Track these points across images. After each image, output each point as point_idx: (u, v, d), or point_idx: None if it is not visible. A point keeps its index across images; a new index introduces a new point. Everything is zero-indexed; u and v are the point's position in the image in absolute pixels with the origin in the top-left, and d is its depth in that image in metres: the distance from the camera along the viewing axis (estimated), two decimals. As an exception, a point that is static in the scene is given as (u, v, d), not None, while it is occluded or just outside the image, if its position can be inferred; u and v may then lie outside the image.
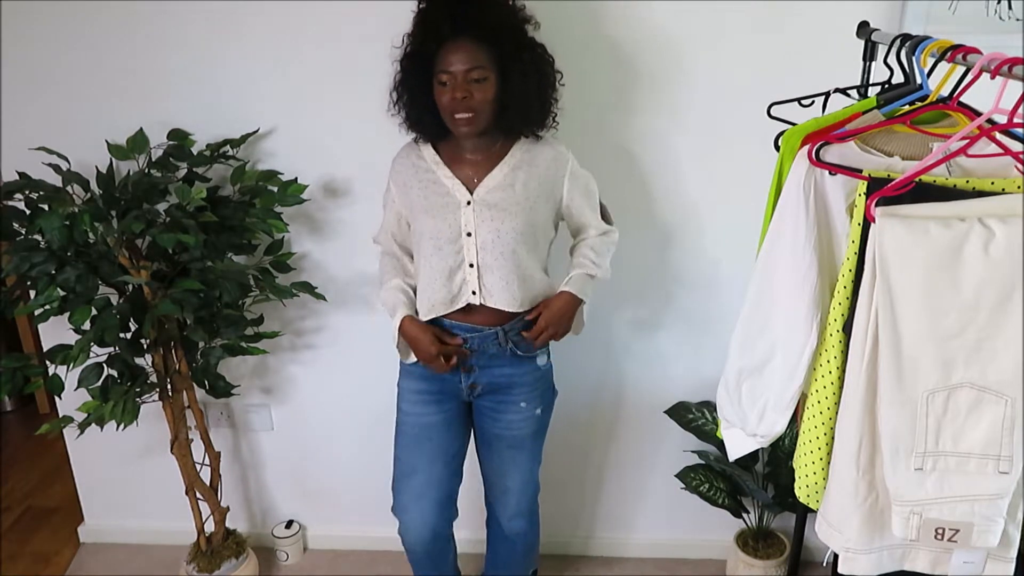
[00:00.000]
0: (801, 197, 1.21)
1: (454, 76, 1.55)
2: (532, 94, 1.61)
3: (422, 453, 1.81)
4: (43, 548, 2.57)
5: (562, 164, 1.69)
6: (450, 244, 1.66)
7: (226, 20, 1.94)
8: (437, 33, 1.56)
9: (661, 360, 2.21)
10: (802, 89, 1.60)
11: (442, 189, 1.67)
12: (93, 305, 1.85)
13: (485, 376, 1.76)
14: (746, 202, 1.93)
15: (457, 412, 1.82)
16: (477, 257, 1.66)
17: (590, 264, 1.74)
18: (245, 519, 2.51)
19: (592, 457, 2.35)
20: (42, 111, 2.05)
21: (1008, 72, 1.02)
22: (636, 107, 1.96)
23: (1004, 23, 1.78)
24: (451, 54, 1.55)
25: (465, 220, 1.65)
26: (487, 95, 1.57)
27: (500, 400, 1.78)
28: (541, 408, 1.82)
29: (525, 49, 1.60)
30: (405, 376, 1.83)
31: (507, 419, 1.79)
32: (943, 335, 1.05)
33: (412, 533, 1.84)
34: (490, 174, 1.66)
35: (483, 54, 1.55)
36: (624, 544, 2.45)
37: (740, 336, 1.37)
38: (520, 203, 1.65)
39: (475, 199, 1.65)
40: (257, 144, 2.06)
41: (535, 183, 1.67)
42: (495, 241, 1.64)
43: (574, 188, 1.71)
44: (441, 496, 1.83)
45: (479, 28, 1.55)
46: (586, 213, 1.75)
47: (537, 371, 1.79)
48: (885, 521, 1.17)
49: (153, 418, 2.21)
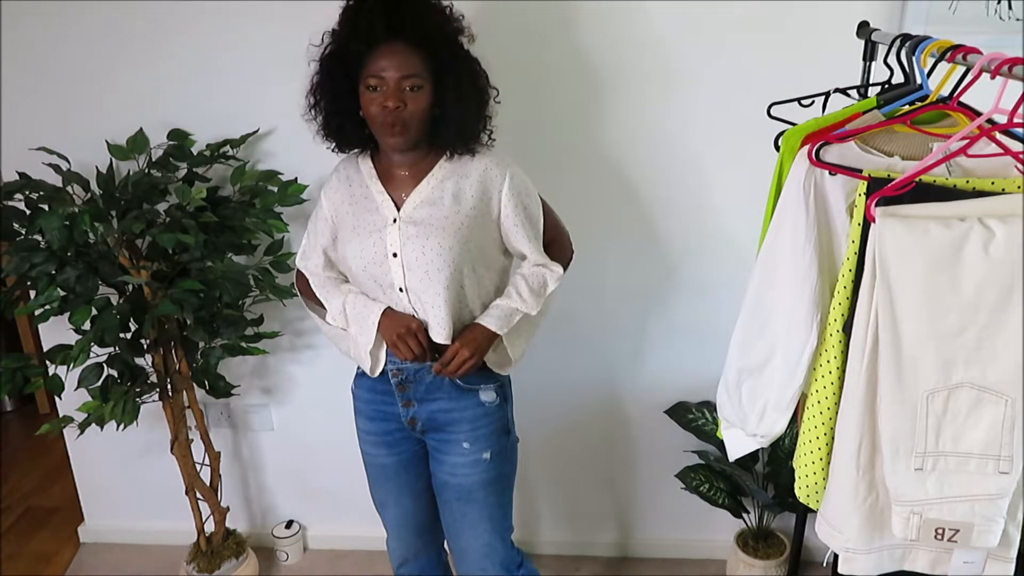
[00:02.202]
0: (801, 197, 1.21)
1: (386, 82, 1.41)
2: (469, 107, 1.47)
3: (388, 491, 1.74)
4: (43, 548, 2.57)
5: (497, 176, 1.52)
6: (376, 266, 1.52)
7: (226, 20, 1.94)
8: (369, 34, 1.41)
9: (661, 360, 2.21)
10: (802, 89, 1.60)
11: (371, 206, 1.53)
12: (93, 305, 1.85)
13: (424, 411, 1.61)
14: (746, 202, 1.94)
15: (413, 453, 1.69)
16: (404, 280, 1.51)
17: (514, 295, 1.57)
18: (245, 519, 2.51)
19: (592, 457, 2.35)
20: (42, 111, 2.05)
21: (1008, 72, 1.02)
22: (635, 107, 1.96)
23: (1004, 23, 1.78)
24: (384, 58, 1.40)
25: (391, 240, 1.50)
26: (421, 105, 1.43)
27: (443, 439, 1.63)
28: (489, 452, 1.61)
29: (461, 60, 1.47)
30: (356, 413, 1.73)
31: (450, 462, 1.62)
32: (943, 335, 1.05)
33: (396, 557, 1.82)
34: (416, 188, 1.51)
35: (419, 61, 1.42)
36: (624, 544, 2.44)
37: (740, 336, 1.37)
38: (449, 217, 1.49)
39: (401, 216, 1.50)
40: (257, 144, 2.06)
41: (467, 196, 1.50)
42: (419, 260, 1.48)
43: (508, 206, 1.53)
44: (419, 524, 1.77)
45: (416, 32, 1.41)
46: (519, 238, 1.56)
47: (480, 407, 1.60)
48: (885, 521, 1.17)
49: (153, 418, 2.21)
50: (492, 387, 1.62)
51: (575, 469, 2.37)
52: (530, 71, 1.92)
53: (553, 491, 2.39)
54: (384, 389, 1.64)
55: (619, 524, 2.43)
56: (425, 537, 1.80)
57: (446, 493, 1.67)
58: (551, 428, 1.87)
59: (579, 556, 2.45)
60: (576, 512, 2.43)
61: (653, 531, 2.42)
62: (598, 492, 2.40)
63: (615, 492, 2.40)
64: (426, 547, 1.82)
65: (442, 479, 1.66)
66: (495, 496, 1.66)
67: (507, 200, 1.53)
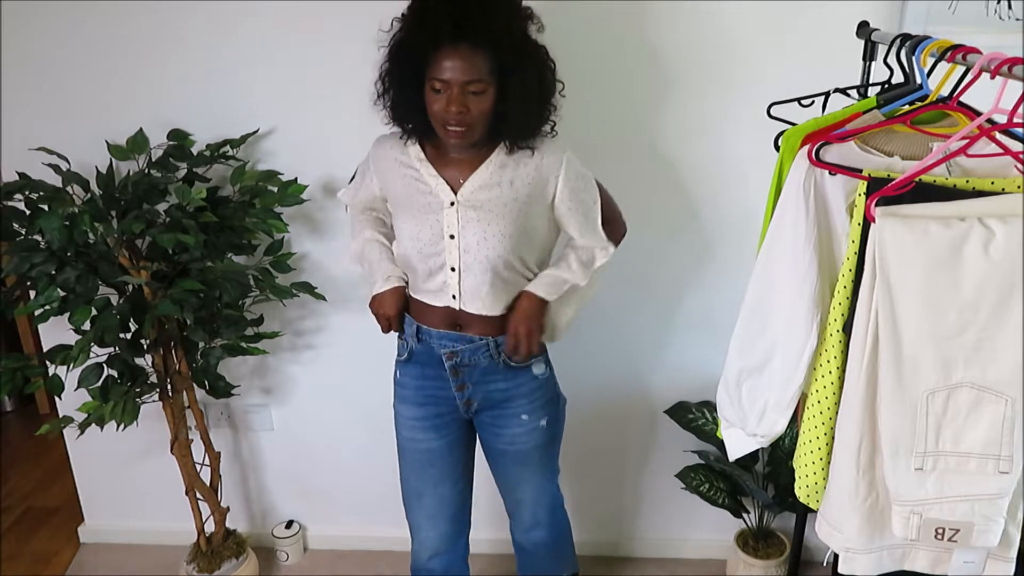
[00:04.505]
0: (801, 197, 1.21)
1: (450, 86, 1.41)
2: (531, 105, 1.48)
3: (427, 478, 1.74)
4: (43, 548, 2.57)
5: (555, 162, 1.54)
6: (431, 246, 1.56)
7: (227, 20, 1.94)
8: (435, 35, 1.40)
9: (661, 360, 2.21)
10: (802, 89, 1.60)
11: (425, 188, 1.55)
12: (93, 305, 1.85)
13: (480, 392, 1.66)
14: (746, 202, 1.94)
15: (460, 434, 1.73)
16: (459, 261, 1.55)
17: (564, 265, 1.62)
18: (245, 519, 2.51)
19: (592, 457, 2.35)
20: (42, 111, 2.05)
21: (1008, 72, 1.02)
22: (634, 107, 1.96)
23: (1004, 23, 1.78)
24: (448, 61, 1.40)
25: (448, 222, 1.53)
26: (484, 108, 1.44)
27: (499, 415, 1.69)
28: (546, 419, 1.71)
29: (527, 56, 1.46)
30: (400, 400, 1.73)
31: (510, 434, 1.70)
32: (943, 335, 1.05)
33: (426, 548, 1.80)
34: (475, 173, 1.53)
35: (483, 63, 1.41)
36: (624, 544, 2.45)
37: (740, 336, 1.37)
38: (507, 204, 1.53)
39: (459, 200, 1.53)
40: (257, 144, 2.06)
41: (524, 181, 1.53)
42: (480, 244, 1.53)
43: (564, 191, 1.56)
44: (453, 512, 1.78)
45: (481, 34, 1.39)
46: (572, 224, 1.60)
47: (534, 381, 1.68)
48: (885, 521, 1.17)
49: (153, 418, 2.20)
50: (542, 360, 1.70)
51: (575, 469, 2.37)
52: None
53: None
54: (436, 374, 1.66)
55: (619, 524, 2.43)
56: (458, 526, 1.81)
57: (503, 459, 1.75)
58: (551, 428, 1.88)
59: (579, 556, 2.44)
60: (576, 511, 2.42)
61: (653, 531, 2.42)
62: (598, 492, 2.40)
63: (615, 492, 2.39)
64: (456, 537, 1.82)
65: (500, 448, 1.73)
66: (549, 452, 1.78)
67: (562, 187, 1.56)
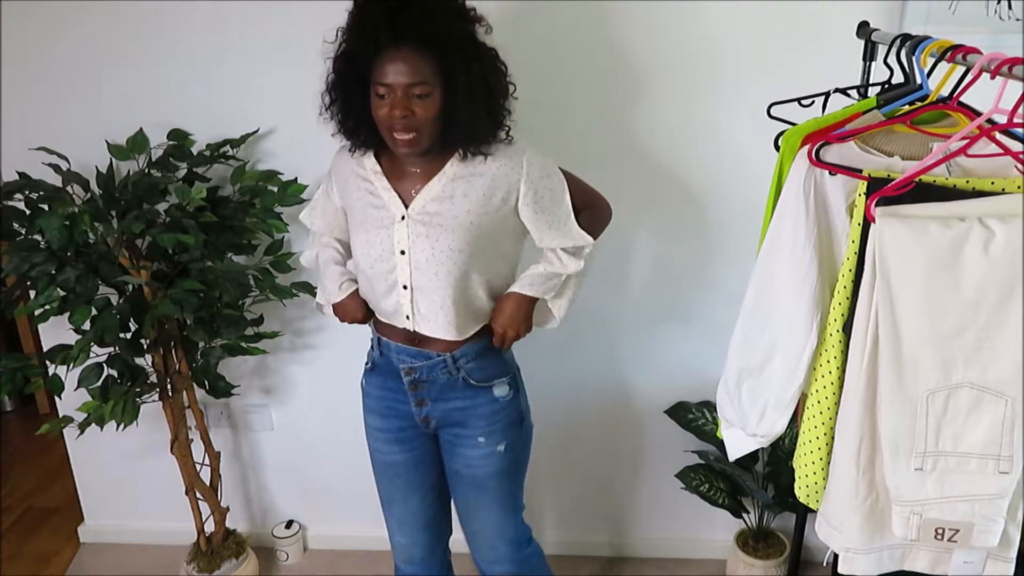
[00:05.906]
0: (801, 197, 1.21)
1: (393, 90, 1.36)
2: (480, 109, 1.41)
3: (395, 487, 1.73)
4: (43, 548, 2.57)
5: (514, 167, 1.47)
6: (382, 262, 1.50)
7: (227, 20, 1.94)
8: (375, 39, 1.35)
9: (661, 360, 2.21)
10: (802, 89, 1.60)
11: (378, 202, 1.50)
12: (93, 305, 1.85)
13: (438, 409, 1.61)
14: (746, 202, 1.94)
15: (426, 450, 1.69)
16: (411, 279, 1.50)
17: (553, 258, 1.57)
18: (245, 519, 2.51)
19: (592, 457, 2.35)
20: (42, 111, 2.05)
21: (1008, 72, 1.02)
22: (634, 107, 1.96)
23: (1004, 23, 1.78)
24: (390, 64, 1.35)
25: (398, 237, 1.48)
26: (430, 112, 1.38)
27: (457, 434, 1.63)
28: (504, 445, 1.62)
29: (474, 59, 1.40)
30: (366, 410, 1.72)
31: (465, 455, 1.63)
32: (943, 335, 1.05)
33: (402, 555, 1.80)
34: (427, 185, 1.48)
35: (427, 66, 1.36)
36: (624, 544, 2.45)
37: (740, 336, 1.37)
38: (459, 217, 1.46)
39: (409, 214, 1.48)
40: (257, 144, 2.06)
41: (479, 192, 1.46)
42: (429, 261, 1.47)
43: (528, 195, 1.49)
44: (425, 522, 1.76)
45: (423, 36, 1.35)
46: (541, 225, 1.53)
47: (494, 403, 1.60)
48: (885, 521, 1.17)
49: (153, 418, 2.21)
50: (505, 380, 1.62)
51: (575, 469, 2.37)
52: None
53: (553, 491, 2.39)
54: (397, 387, 1.63)
55: (619, 524, 2.43)
56: (433, 532, 1.79)
57: (460, 483, 1.68)
58: (551, 428, 1.87)
59: (579, 556, 2.45)
60: (576, 512, 2.43)
61: (653, 531, 2.42)
62: (598, 492, 2.40)
63: (615, 492, 2.40)
64: (432, 544, 1.81)
65: (456, 470, 1.67)
66: (508, 482, 1.68)
67: (525, 191, 1.49)
